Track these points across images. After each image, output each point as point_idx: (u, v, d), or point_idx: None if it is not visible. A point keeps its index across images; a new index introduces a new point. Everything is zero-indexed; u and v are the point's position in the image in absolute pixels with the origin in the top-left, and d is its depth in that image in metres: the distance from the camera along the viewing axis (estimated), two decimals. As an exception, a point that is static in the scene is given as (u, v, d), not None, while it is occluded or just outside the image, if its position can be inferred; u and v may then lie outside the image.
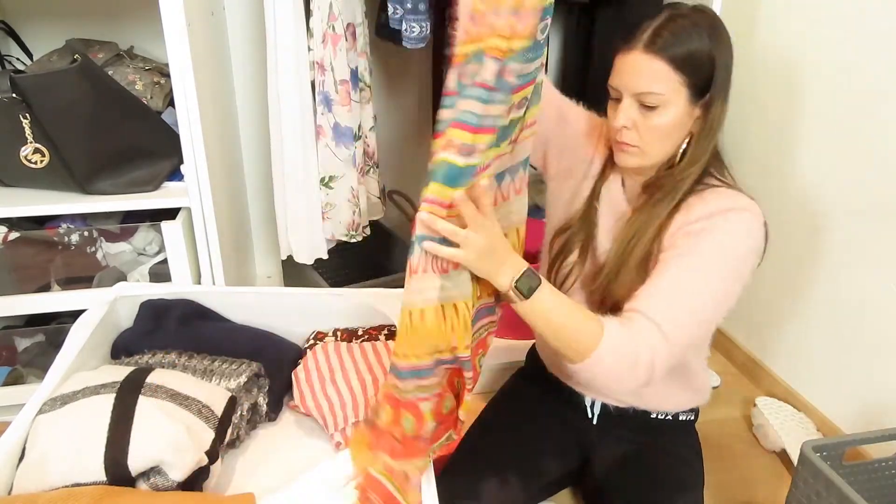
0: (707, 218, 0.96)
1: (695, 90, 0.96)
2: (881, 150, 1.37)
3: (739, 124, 1.73)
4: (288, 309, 1.23)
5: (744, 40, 1.70)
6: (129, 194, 1.36)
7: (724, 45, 0.96)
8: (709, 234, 0.95)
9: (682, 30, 0.94)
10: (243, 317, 1.23)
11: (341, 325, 1.24)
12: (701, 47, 0.94)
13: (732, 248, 0.96)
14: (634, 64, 0.95)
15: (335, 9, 1.39)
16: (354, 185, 1.57)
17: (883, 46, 1.34)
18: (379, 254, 2.00)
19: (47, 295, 1.39)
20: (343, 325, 1.24)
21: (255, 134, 1.87)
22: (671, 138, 0.99)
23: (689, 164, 1.00)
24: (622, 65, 0.97)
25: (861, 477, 1.23)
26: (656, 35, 0.94)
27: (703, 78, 0.95)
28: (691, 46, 0.94)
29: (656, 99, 0.95)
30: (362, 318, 1.24)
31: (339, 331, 1.23)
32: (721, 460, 1.49)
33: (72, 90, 1.23)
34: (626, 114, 0.97)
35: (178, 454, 0.87)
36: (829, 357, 1.56)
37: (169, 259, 1.38)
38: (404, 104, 1.99)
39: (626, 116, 0.97)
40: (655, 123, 0.97)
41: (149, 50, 1.65)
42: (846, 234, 1.47)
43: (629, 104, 0.97)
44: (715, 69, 0.95)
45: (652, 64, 0.94)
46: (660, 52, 0.93)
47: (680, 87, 0.95)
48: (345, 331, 1.23)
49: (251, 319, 1.22)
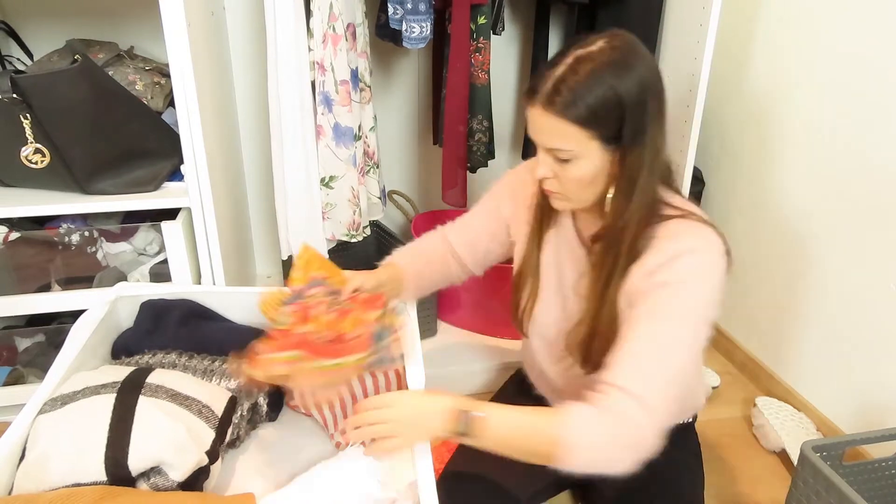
0: (666, 265, 0.91)
1: (608, 140, 0.89)
2: (882, 149, 1.37)
3: (736, 126, 1.73)
4: None
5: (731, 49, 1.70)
6: (129, 194, 1.36)
7: (633, 79, 0.87)
8: (671, 288, 0.91)
9: (582, 83, 0.86)
10: (243, 317, 1.23)
11: None
12: (604, 95, 0.86)
13: (696, 296, 0.91)
14: (537, 121, 0.90)
15: (335, 9, 1.39)
16: (354, 185, 1.57)
17: (866, 52, 1.35)
18: (379, 254, 2.00)
19: (47, 295, 1.39)
20: None
21: (255, 134, 1.87)
22: (593, 185, 0.94)
23: (614, 216, 0.94)
24: (529, 118, 0.92)
25: (861, 477, 1.23)
26: (556, 92, 0.87)
27: (614, 127, 0.88)
28: (594, 99, 0.86)
29: (567, 154, 0.90)
30: None
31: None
32: (721, 460, 1.49)
33: (72, 90, 1.23)
34: (544, 166, 0.94)
35: (178, 454, 0.87)
36: (829, 357, 1.56)
37: (169, 259, 1.38)
38: (404, 104, 1.99)
39: (543, 169, 0.94)
40: (573, 175, 0.92)
41: (149, 50, 1.65)
42: (846, 235, 1.47)
43: (544, 156, 0.93)
44: (625, 115, 0.87)
45: (554, 123, 0.88)
46: (561, 111, 0.87)
47: (589, 140, 0.88)
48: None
49: (251, 319, 1.22)
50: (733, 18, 1.73)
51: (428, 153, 2.06)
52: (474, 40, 1.55)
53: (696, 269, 0.91)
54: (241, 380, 1.05)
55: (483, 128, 1.67)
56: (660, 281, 0.91)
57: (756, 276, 1.76)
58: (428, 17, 1.45)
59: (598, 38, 0.89)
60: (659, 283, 0.91)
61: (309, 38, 1.42)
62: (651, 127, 0.89)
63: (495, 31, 1.72)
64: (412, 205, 2.06)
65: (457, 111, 1.60)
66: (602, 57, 0.87)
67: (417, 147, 2.06)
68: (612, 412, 0.85)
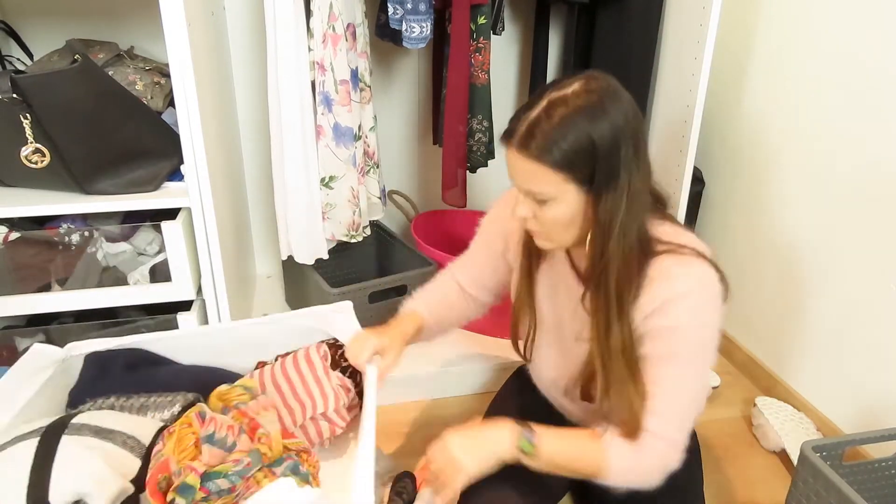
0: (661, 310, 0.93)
1: (582, 182, 0.89)
2: (881, 147, 1.37)
3: (736, 126, 1.73)
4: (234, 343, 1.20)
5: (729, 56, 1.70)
6: (129, 194, 1.36)
7: (606, 123, 0.87)
8: (674, 333, 0.94)
9: (555, 127, 0.86)
10: (192, 358, 1.19)
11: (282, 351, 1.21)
12: (577, 140, 0.86)
13: (700, 337, 0.96)
14: (514, 163, 0.91)
15: (335, 9, 1.39)
16: (354, 185, 1.57)
17: (866, 52, 1.35)
18: (379, 254, 2.00)
19: (47, 295, 1.39)
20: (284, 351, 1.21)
21: (255, 134, 1.87)
22: (572, 226, 0.94)
23: (593, 259, 0.94)
24: (507, 159, 0.93)
25: (861, 477, 1.23)
26: (530, 136, 0.87)
27: (587, 171, 0.88)
28: (567, 144, 0.86)
29: (544, 195, 0.91)
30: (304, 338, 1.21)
31: (280, 356, 1.20)
32: (721, 460, 1.49)
33: (72, 90, 1.23)
34: (523, 207, 0.95)
35: (98, 484, 0.85)
36: (829, 357, 1.56)
37: (169, 259, 1.38)
38: (404, 104, 1.99)
39: (523, 209, 0.95)
40: (551, 216, 0.93)
41: (149, 50, 1.65)
42: (846, 234, 1.47)
43: (523, 198, 0.94)
44: (598, 159, 0.87)
45: (529, 166, 0.89)
46: (535, 156, 0.87)
47: (563, 183, 0.89)
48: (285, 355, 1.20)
49: (199, 359, 1.19)
50: (733, 18, 1.73)
51: (428, 153, 2.06)
52: (474, 40, 1.55)
53: (694, 312, 0.94)
54: None
55: (483, 128, 1.67)
56: (660, 325, 0.94)
57: (756, 276, 1.76)
58: (428, 17, 1.46)
59: (575, 81, 0.90)
60: (660, 328, 0.94)
61: (309, 37, 1.42)
62: (625, 171, 0.89)
63: (495, 31, 1.72)
64: (412, 205, 2.07)
65: (457, 111, 1.60)
66: (577, 101, 0.87)
67: (417, 147, 2.06)
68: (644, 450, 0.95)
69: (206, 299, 1.46)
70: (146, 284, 1.42)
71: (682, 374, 0.96)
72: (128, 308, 1.49)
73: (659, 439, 0.94)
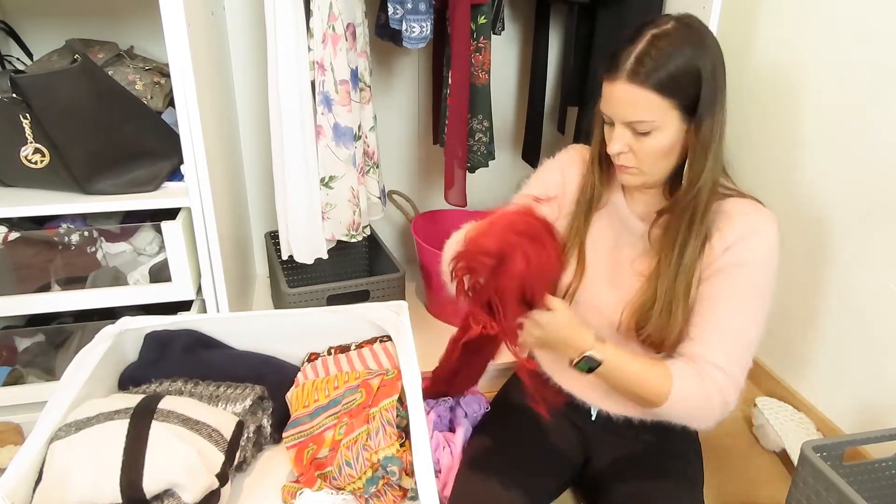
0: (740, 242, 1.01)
1: (685, 110, 0.96)
2: (881, 152, 1.37)
3: (742, 130, 1.73)
4: (286, 331, 1.24)
5: (743, 47, 1.70)
6: (129, 194, 1.36)
7: (708, 55, 0.95)
8: (746, 268, 1.01)
9: (664, 53, 0.93)
10: (244, 342, 1.24)
11: (336, 343, 1.24)
12: (685, 65, 0.94)
13: (763, 275, 1.02)
14: (621, 94, 0.96)
15: (335, 9, 1.39)
16: (354, 185, 1.57)
17: (881, 49, 1.34)
18: (379, 254, 2.00)
19: (47, 295, 1.39)
20: (338, 343, 1.24)
21: (255, 134, 1.87)
22: (669, 157, 1.01)
23: (691, 183, 1.00)
24: (609, 94, 0.98)
25: (861, 477, 1.23)
26: (639, 63, 0.94)
27: (692, 96, 0.96)
28: (675, 68, 0.93)
29: (648, 125, 0.96)
30: (356, 332, 1.25)
31: (333, 348, 1.23)
32: (721, 460, 1.49)
33: (72, 90, 1.23)
34: (621, 140, 0.99)
35: (191, 477, 0.89)
36: (829, 357, 1.56)
37: (169, 259, 1.38)
38: (404, 104, 1.99)
39: (620, 143, 1.00)
40: (651, 147, 0.98)
41: (149, 50, 1.65)
42: (846, 235, 1.47)
43: (622, 131, 0.99)
44: (701, 84, 0.95)
45: (638, 93, 0.94)
46: (644, 81, 0.93)
47: (670, 110, 0.96)
48: (338, 347, 1.23)
49: (250, 344, 1.24)
50: (733, 18, 1.72)
51: (428, 153, 2.06)
52: (474, 40, 1.55)
53: (766, 249, 1.01)
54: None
55: (483, 128, 1.67)
56: (736, 259, 1.00)
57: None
58: (428, 17, 1.45)
59: (671, 19, 0.98)
60: (735, 262, 1.00)
61: (309, 37, 1.42)
62: (721, 100, 0.97)
63: (495, 31, 1.72)
64: (412, 205, 2.06)
65: (457, 111, 1.60)
66: (679, 34, 0.95)
67: (417, 147, 2.06)
68: (702, 376, 0.99)
69: (206, 299, 1.47)
70: (146, 284, 1.42)
71: (747, 313, 1.01)
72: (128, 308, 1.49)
73: (720, 371, 0.98)
